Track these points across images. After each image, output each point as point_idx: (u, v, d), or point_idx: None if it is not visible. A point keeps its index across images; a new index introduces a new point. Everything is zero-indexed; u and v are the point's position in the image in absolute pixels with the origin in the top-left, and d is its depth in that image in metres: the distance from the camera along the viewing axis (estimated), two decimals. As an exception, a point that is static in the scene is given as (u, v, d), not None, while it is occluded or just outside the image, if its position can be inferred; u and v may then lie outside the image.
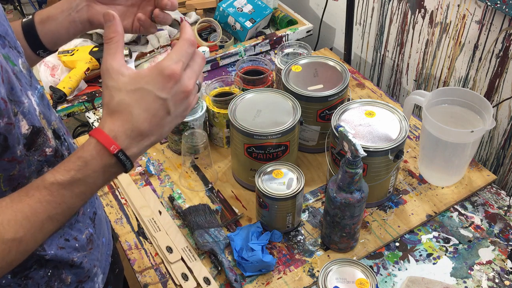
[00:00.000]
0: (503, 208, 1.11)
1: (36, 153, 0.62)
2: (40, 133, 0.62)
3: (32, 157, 0.61)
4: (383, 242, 1.03)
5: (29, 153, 0.61)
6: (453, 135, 1.03)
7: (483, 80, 1.24)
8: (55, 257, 0.69)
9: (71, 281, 0.74)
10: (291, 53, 1.34)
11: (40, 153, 0.63)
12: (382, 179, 1.04)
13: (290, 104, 1.09)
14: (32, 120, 0.60)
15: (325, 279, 0.85)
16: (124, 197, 1.14)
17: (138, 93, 0.58)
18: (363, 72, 1.69)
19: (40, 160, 0.63)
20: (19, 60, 0.63)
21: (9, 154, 0.57)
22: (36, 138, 0.61)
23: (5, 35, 0.61)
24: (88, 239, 0.75)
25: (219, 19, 1.60)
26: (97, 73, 1.46)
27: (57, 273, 0.71)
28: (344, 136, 0.88)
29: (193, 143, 1.11)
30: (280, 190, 0.99)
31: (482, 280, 0.97)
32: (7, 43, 0.61)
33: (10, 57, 0.60)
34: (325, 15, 1.72)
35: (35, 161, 0.62)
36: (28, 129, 0.59)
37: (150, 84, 0.58)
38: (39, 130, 0.62)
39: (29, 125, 0.60)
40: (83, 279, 0.76)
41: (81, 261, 0.74)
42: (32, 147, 0.61)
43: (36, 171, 0.63)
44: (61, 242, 0.70)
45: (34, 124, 0.61)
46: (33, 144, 0.61)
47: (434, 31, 1.33)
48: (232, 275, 0.95)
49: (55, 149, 0.65)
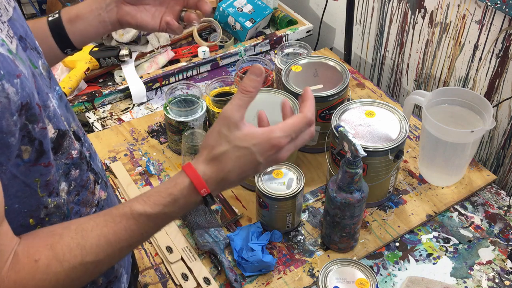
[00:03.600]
0: (503, 208, 1.11)
1: (63, 157, 0.62)
2: (66, 136, 0.62)
3: (60, 161, 0.62)
4: (383, 242, 1.03)
5: (56, 157, 0.61)
6: (453, 135, 1.03)
7: (483, 80, 1.24)
8: None
9: (102, 282, 0.73)
10: (291, 53, 1.34)
11: (67, 156, 0.63)
12: (382, 179, 1.04)
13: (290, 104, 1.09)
14: (57, 124, 0.60)
15: (325, 279, 0.85)
16: (124, 197, 1.14)
17: (242, 151, 0.63)
18: (363, 72, 1.69)
19: (67, 163, 0.63)
20: (39, 61, 0.63)
21: (45, 159, 0.57)
22: (62, 141, 0.61)
23: (25, 37, 0.61)
24: None
25: (219, 19, 1.60)
26: (97, 73, 1.46)
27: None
28: (344, 136, 0.88)
29: (193, 143, 1.11)
30: (280, 190, 0.99)
31: (482, 280, 0.97)
32: (28, 45, 0.61)
33: (32, 59, 0.60)
34: (325, 15, 1.72)
35: (62, 164, 0.62)
36: (54, 133, 0.59)
37: (256, 146, 0.63)
38: (65, 133, 0.62)
39: (54, 129, 0.60)
40: (112, 279, 0.75)
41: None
42: (59, 150, 0.61)
43: (64, 174, 0.63)
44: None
45: (60, 127, 0.61)
46: (60, 147, 0.61)
47: (434, 31, 1.33)
48: (232, 275, 0.95)
49: (80, 151, 0.65)
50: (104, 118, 1.36)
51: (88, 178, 0.68)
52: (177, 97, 1.22)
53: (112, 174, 1.19)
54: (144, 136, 1.29)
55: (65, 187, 0.63)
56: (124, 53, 1.43)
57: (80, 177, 0.65)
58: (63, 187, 0.63)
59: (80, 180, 0.66)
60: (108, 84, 1.45)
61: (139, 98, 1.40)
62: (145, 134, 1.29)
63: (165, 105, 1.20)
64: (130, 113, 1.38)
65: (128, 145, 1.26)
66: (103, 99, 1.38)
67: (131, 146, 1.26)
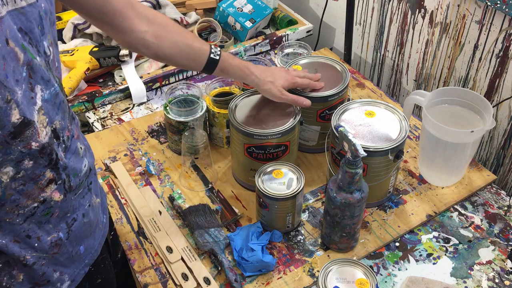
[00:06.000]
0: (503, 208, 1.11)
1: (20, 144, 0.63)
2: (30, 126, 0.63)
3: (15, 147, 0.62)
4: (383, 242, 1.03)
5: (13, 141, 0.61)
6: (453, 135, 1.03)
7: (483, 80, 1.24)
8: (5, 249, 0.68)
9: (23, 280, 0.72)
10: (291, 53, 1.34)
11: (25, 145, 0.63)
12: (382, 179, 1.04)
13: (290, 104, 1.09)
14: (24, 111, 0.61)
15: (325, 279, 0.85)
16: (124, 197, 1.14)
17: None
18: (363, 72, 1.69)
19: (22, 151, 0.63)
20: (37, 57, 0.64)
21: None
22: (24, 129, 0.62)
23: (29, 32, 0.62)
24: (54, 242, 0.74)
25: (219, 19, 1.60)
26: (97, 73, 1.46)
27: (8, 268, 0.70)
28: (344, 136, 0.88)
29: (193, 143, 1.11)
30: (280, 190, 0.99)
31: (482, 280, 0.97)
32: (27, 39, 0.62)
33: (30, 50, 0.62)
34: (325, 15, 1.72)
35: (17, 151, 0.63)
36: (18, 118, 0.60)
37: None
38: (29, 123, 0.62)
39: (20, 115, 0.61)
40: (40, 282, 0.74)
41: (34, 262, 0.72)
42: (18, 137, 0.62)
43: (16, 160, 0.63)
44: (20, 236, 0.69)
45: (26, 115, 0.61)
46: (20, 134, 0.62)
47: (434, 31, 1.33)
48: (232, 275, 0.95)
49: (43, 145, 0.66)
50: (104, 118, 1.36)
51: (42, 174, 0.67)
52: (177, 97, 1.22)
53: (112, 174, 1.19)
54: (144, 136, 1.29)
55: (10, 172, 0.63)
56: (124, 53, 1.43)
57: (33, 169, 0.66)
58: (8, 171, 0.63)
59: (31, 173, 0.66)
60: (108, 84, 1.45)
61: (139, 98, 1.40)
62: (145, 134, 1.29)
63: (165, 105, 1.20)
64: (130, 113, 1.38)
65: (128, 145, 1.26)
66: (103, 99, 1.38)
67: (131, 146, 1.26)
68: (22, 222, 0.68)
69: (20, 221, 0.68)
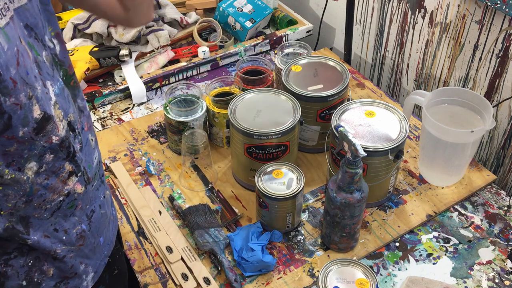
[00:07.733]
0: (503, 208, 1.11)
1: (43, 139, 0.64)
2: (50, 120, 0.64)
3: (39, 142, 0.64)
4: (383, 242, 1.03)
5: (36, 137, 0.63)
6: (453, 135, 1.03)
7: (483, 80, 1.24)
8: (37, 245, 0.69)
9: (53, 274, 0.73)
10: (291, 53, 1.34)
11: (47, 139, 0.65)
12: (382, 179, 1.04)
13: (290, 104, 1.09)
14: (44, 107, 0.63)
15: (325, 279, 0.85)
16: (124, 197, 1.14)
17: None
18: (363, 72, 1.69)
19: (44, 146, 0.65)
20: (43, 52, 0.66)
21: (9, 132, 0.59)
22: (45, 124, 0.63)
23: (34, 27, 0.64)
24: (79, 235, 0.75)
25: (219, 19, 1.60)
26: (97, 73, 1.46)
27: (38, 264, 0.71)
28: (344, 136, 0.88)
29: (193, 143, 1.11)
30: (280, 190, 0.99)
31: (482, 280, 0.97)
32: (33, 35, 0.64)
33: (35, 47, 0.63)
34: (325, 15, 1.72)
35: (40, 146, 0.64)
36: (40, 114, 0.62)
37: None
38: (49, 118, 0.64)
39: (41, 111, 0.62)
40: (69, 275, 0.76)
41: (64, 255, 0.73)
42: (40, 132, 0.63)
43: (39, 155, 0.65)
44: (49, 230, 0.70)
45: (46, 110, 0.63)
46: (42, 129, 0.63)
47: (434, 31, 1.33)
48: (232, 275, 0.95)
49: (62, 139, 0.67)
50: (104, 118, 1.36)
51: (62, 167, 0.69)
52: (177, 97, 1.22)
53: (112, 174, 1.19)
54: (144, 136, 1.29)
55: (34, 167, 0.65)
56: (124, 53, 1.43)
57: (53, 163, 0.67)
58: (32, 166, 0.64)
59: (52, 166, 0.67)
60: (108, 84, 1.45)
61: (139, 98, 1.40)
62: (145, 134, 1.29)
63: (165, 105, 1.20)
64: (130, 113, 1.38)
65: (128, 145, 1.26)
66: (103, 99, 1.38)
67: (131, 146, 1.26)
68: (49, 217, 0.70)
69: (47, 216, 0.69)
